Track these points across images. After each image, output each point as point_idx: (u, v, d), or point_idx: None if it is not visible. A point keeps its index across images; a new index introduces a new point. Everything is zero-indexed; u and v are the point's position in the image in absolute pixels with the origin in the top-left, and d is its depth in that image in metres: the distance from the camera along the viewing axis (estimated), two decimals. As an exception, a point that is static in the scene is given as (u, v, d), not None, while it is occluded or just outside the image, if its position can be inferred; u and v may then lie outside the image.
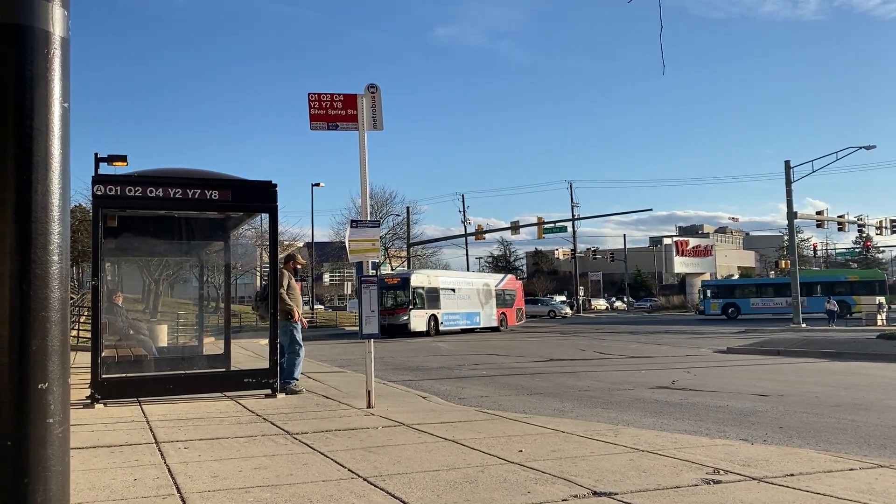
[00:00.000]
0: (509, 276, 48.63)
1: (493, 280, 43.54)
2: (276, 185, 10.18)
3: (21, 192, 1.68)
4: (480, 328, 38.50)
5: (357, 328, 11.37)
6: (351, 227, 9.34)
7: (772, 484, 4.82)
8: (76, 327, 25.59)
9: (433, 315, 35.18)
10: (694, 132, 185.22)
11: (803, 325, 35.52)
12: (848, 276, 53.44)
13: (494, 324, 39.85)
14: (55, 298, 1.72)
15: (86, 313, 25.26)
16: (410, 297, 34.01)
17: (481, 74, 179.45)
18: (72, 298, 34.31)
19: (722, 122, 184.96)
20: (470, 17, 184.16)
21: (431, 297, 35.55)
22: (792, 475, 5.06)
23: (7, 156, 1.67)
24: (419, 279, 35.53)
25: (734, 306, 51.41)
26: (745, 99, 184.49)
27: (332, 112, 9.53)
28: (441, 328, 35.37)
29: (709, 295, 52.84)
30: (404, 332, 32.92)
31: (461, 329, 36.88)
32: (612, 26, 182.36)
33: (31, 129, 1.70)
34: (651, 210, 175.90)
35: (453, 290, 37.52)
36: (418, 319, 34.03)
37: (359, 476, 5.13)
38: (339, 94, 9.55)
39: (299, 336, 10.62)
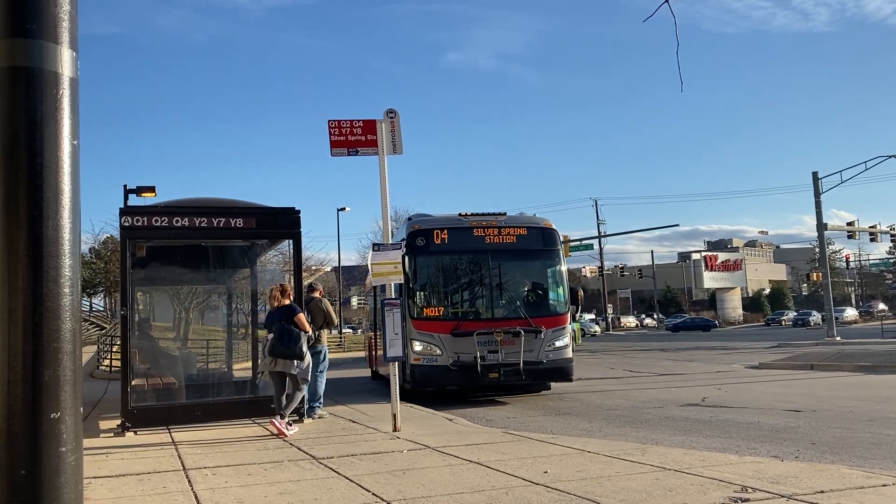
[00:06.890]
0: None
1: None
2: (299, 212, 10.31)
3: (32, 227, 1.73)
4: None
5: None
6: (373, 250, 9.39)
7: (801, 501, 4.73)
8: (108, 356, 25.93)
9: None
10: (713, 146, 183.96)
11: (838, 339, 34.81)
12: None
13: None
14: (67, 330, 1.77)
15: (117, 343, 25.55)
16: None
17: (495, 96, 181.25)
18: (104, 328, 34.78)
19: (742, 135, 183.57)
20: (478, 42, 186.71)
21: None
22: (822, 492, 4.96)
23: (18, 193, 1.73)
24: None
25: None
26: (764, 112, 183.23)
27: (353, 138, 9.61)
28: None
29: None
30: None
31: None
32: (620, 44, 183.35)
33: (42, 166, 1.76)
34: (678, 225, 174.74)
35: None
36: None
37: (383, 500, 5.13)
38: (359, 121, 9.63)
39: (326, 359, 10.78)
